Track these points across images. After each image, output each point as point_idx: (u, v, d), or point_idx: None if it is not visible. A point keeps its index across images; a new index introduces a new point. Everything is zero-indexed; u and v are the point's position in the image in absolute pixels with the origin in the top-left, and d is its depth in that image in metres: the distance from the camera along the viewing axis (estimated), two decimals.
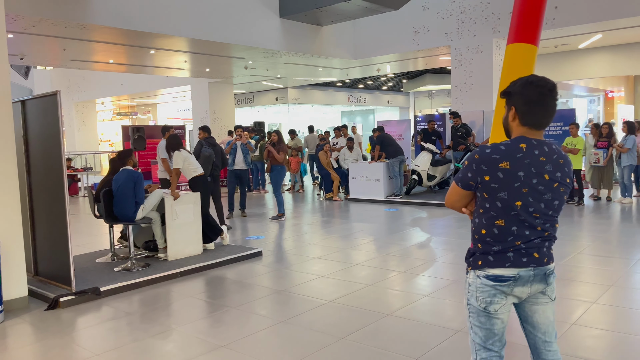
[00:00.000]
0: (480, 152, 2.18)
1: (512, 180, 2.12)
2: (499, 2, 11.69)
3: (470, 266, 2.28)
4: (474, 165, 2.17)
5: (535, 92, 2.14)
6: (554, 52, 15.68)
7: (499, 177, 2.13)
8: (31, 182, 5.64)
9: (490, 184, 2.15)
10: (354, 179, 11.86)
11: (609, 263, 5.87)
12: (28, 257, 5.65)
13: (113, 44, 10.90)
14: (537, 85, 2.15)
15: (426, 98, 28.12)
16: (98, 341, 4.12)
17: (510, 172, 2.12)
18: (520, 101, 2.17)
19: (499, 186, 2.13)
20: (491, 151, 2.15)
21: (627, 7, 10.06)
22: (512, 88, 2.21)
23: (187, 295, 5.22)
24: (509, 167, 2.12)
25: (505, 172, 2.12)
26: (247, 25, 11.38)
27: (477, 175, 2.17)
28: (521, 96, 2.17)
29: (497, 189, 2.14)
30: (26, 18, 8.38)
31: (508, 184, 2.13)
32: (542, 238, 2.20)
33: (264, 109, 25.08)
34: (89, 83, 21.64)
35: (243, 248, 6.95)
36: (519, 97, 2.17)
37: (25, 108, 5.57)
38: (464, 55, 12.45)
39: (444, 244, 7.18)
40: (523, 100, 2.16)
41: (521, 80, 2.19)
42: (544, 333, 2.30)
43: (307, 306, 4.77)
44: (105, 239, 7.96)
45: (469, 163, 2.20)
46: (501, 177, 2.12)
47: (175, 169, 6.94)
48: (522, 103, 2.17)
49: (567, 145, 10.02)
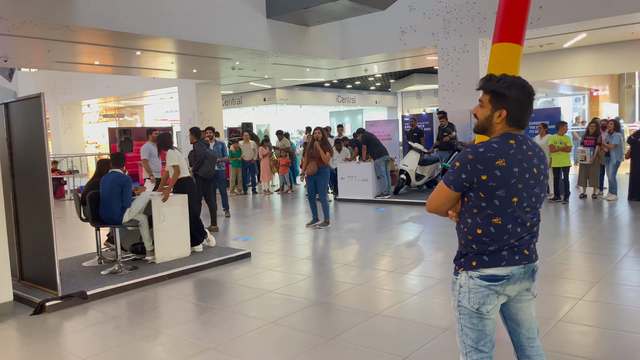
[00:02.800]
0: (473, 151, 2.14)
1: (509, 177, 2.13)
2: (484, 2, 11.77)
3: (461, 267, 2.25)
4: (468, 165, 2.14)
5: (527, 97, 2.18)
6: (539, 52, 15.83)
7: (496, 175, 2.12)
8: (15, 186, 5.57)
9: (488, 183, 2.12)
10: (343, 179, 11.88)
11: (595, 260, 5.93)
12: (13, 262, 5.57)
13: (98, 45, 10.80)
14: (528, 90, 2.19)
15: (414, 98, 28.24)
16: (85, 345, 4.08)
17: (506, 169, 2.12)
18: (514, 106, 2.17)
19: (497, 184, 2.12)
20: (485, 150, 2.13)
21: (610, 6, 10.18)
22: (507, 90, 2.17)
23: (175, 298, 5.19)
24: (505, 164, 2.12)
25: (502, 170, 2.12)
26: (234, 26, 11.34)
27: (473, 176, 2.13)
28: (516, 101, 2.17)
29: (494, 187, 2.13)
30: (10, 20, 8.27)
31: (505, 182, 2.12)
32: (531, 234, 2.23)
33: (252, 110, 25.02)
34: (74, 85, 21.44)
35: (232, 250, 6.92)
36: (515, 101, 2.17)
37: (9, 111, 5.50)
38: (451, 55, 12.52)
39: (432, 242, 7.21)
40: (518, 105, 2.17)
41: (515, 84, 2.18)
42: (527, 330, 2.33)
43: (296, 307, 4.76)
44: (92, 242, 7.89)
45: (462, 164, 2.15)
46: (499, 175, 2.12)
47: (175, 166, 6.92)
48: (516, 108, 2.18)
49: (556, 144, 9.99)
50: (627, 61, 15.41)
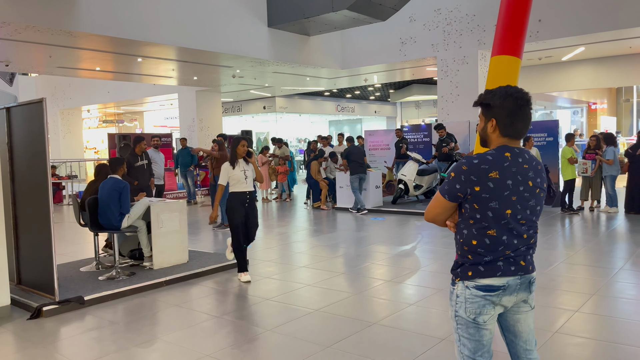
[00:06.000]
0: (467, 162, 2.16)
1: (502, 189, 2.14)
2: (484, 15, 11.87)
3: (458, 277, 2.26)
4: (462, 176, 2.16)
5: (515, 104, 2.18)
6: (538, 64, 15.93)
7: (489, 187, 2.13)
8: (15, 190, 5.58)
9: (481, 195, 2.14)
10: (341, 188, 11.90)
11: (592, 272, 5.94)
12: (11, 266, 5.57)
13: (100, 51, 10.85)
14: (516, 97, 2.18)
15: (413, 108, 28.34)
16: (81, 351, 4.08)
17: (500, 181, 2.13)
18: (501, 114, 2.19)
19: (490, 196, 2.14)
20: (479, 161, 2.15)
21: (609, 20, 10.28)
22: (491, 100, 2.20)
23: (172, 304, 5.19)
24: (498, 176, 2.13)
25: (495, 182, 2.13)
26: (235, 34, 11.41)
27: (467, 187, 2.15)
28: (502, 109, 2.18)
29: (488, 199, 2.14)
30: (12, 25, 8.32)
31: (498, 194, 2.14)
32: (527, 246, 2.24)
33: (251, 118, 25.07)
34: (74, 90, 21.48)
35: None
36: (500, 109, 2.19)
37: (10, 115, 5.53)
38: (450, 66, 12.60)
39: (429, 252, 7.22)
40: (505, 112, 2.18)
41: (500, 92, 2.20)
42: (525, 341, 2.34)
43: (293, 315, 4.76)
44: (90, 248, 7.88)
45: (456, 174, 2.18)
46: (492, 187, 2.13)
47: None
48: (504, 115, 2.18)
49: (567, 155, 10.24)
50: (625, 75, 15.53)
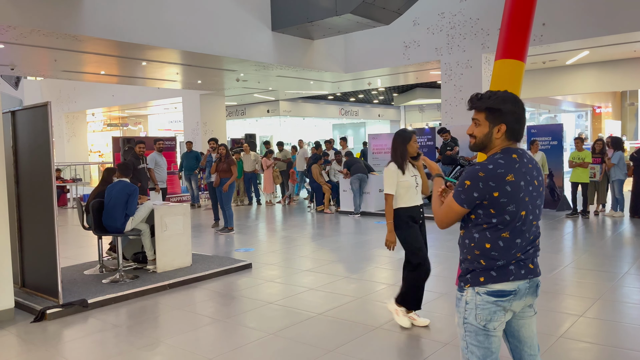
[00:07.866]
0: (482, 169, 2.15)
1: (518, 192, 2.15)
2: (488, 18, 11.87)
3: (468, 283, 2.23)
4: (480, 183, 2.14)
5: (521, 109, 2.24)
6: (542, 68, 15.91)
7: (507, 190, 2.13)
8: (19, 193, 5.60)
9: (500, 199, 2.13)
10: (345, 191, 11.89)
11: (596, 277, 5.92)
12: (15, 269, 5.59)
13: (104, 55, 10.90)
14: (520, 102, 2.24)
15: (417, 112, 28.33)
16: (84, 353, 4.08)
17: (515, 184, 2.15)
18: (512, 119, 2.21)
19: (508, 199, 2.14)
20: (494, 166, 2.15)
21: (613, 24, 10.26)
22: (502, 105, 2.21)
23: (175, 308, 5.19)
24: (514, 179, 2.14)
25: (511, 185, 2.14)
26: (239, 38, 11.45)
27: (485, 193, 2.14)
28: (513, 115, 2.21)
29: (505, 203, 2.14)
30: (18, 29, 8.38)
31: (515, 196, 2.15)
32: (534, 247, 2.25)
33: (255, 121, 25.12)
34: (79, 94, 21.59)
35: (233, 260, 6.93)
36: (511, 115, 2.21)
37: (15, 119, 5.56)
38: (454, 70, 12.60)
39: (432, 256, 7.17)
40: (515, 118, 2.22)
41: (507, 98, 2.21)
42: (529, 347, 2.33)
43: (296, 319, 4.76)
44: (94, 251, 7.90)
45: (473, 182, 2.15)
46: (509, 191, 2.13)
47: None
48: (515, 121, 2.22)
49: (574, 159, 10.20)
50: (630, 79, 15.48)
